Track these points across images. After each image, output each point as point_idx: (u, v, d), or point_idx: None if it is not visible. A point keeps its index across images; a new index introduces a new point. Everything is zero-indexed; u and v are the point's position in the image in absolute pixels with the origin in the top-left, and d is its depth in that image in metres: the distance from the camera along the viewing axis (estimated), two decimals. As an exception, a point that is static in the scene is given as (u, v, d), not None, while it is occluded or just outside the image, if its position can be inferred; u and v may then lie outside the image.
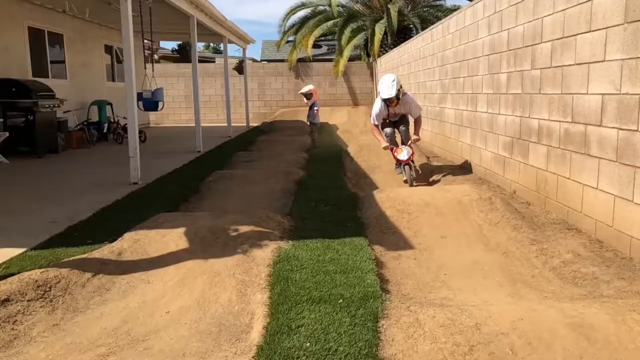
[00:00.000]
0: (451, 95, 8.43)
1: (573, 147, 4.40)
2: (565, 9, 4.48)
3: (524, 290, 3.22)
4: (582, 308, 2.51)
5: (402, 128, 7.03)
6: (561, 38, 4.58)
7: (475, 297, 3.09)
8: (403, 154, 6.64)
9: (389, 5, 18.09)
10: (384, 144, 6.82)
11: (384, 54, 17.41)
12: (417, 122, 6.99)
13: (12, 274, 3.28)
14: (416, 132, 6.90)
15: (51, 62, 11.37)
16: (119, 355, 2.56)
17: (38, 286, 3.12)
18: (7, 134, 8.34)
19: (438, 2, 20.15)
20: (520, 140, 5.58)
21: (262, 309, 2.78)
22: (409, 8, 19.80)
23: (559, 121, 4.65)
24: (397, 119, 7.06)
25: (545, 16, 4.89)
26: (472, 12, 7.26)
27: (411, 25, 19.02)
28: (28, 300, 3.01)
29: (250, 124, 17.33)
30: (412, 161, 6.75)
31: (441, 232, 4.28)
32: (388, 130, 7.00)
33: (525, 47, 5.38)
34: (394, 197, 4.96)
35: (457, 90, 8.03)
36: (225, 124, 14.43)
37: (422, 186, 6.47)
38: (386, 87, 6.70)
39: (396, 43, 15.92)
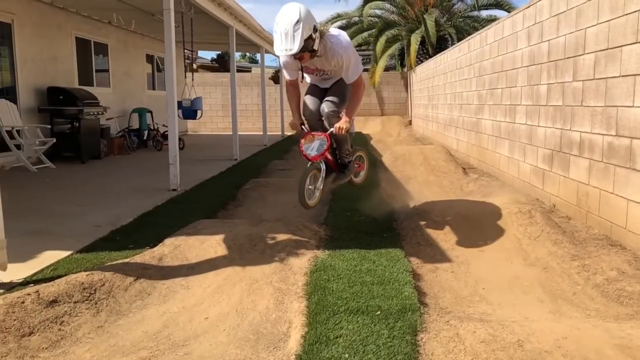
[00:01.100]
0: (488, 107, 8.32)
1: (617, 160, 4.28)
2: (610, 20, 4.39)
3: (566, 307, 3.14)
4: (630, 329, 2.44)
5: (326, 100, 4.16)
6: (605, 49, 4.48)
7: (515, 313, 3.03)
8: (312, 145, 4.03)
9: (425, 16, 18.05)
10: (295, 119, 4.25)
11: (419, 64, 17.36)
12: (354, 92, 4.14)
13: (60, 276, 3.41)
14: (347, 110, 4.09)
15: (96, 71, 11.79)
16: (160, 359, 2.62)
17: (84, 288, 3.23)
18: (54, 140, 8.69)
19: (474, 13, 20.03)
20: (560, 153, 5.46)
21: (299, 318, 2.80)
22: (445, 18, 19.75)
23: (602, 134, 4.54)
24: (330, 83, 4.25)
25: (589, 27, 4.79)
26: (511, 23, 7.17)
27: (447, 36, 18.97)
28: (74, 302, 3.12)
29: (285, 133, 17.49)
30: (326, 160, 4.19)
31: (479, 245, 4.22)
32: (310, 107, 4.25)
33: (567, 58, 5.28)
34: (430, 208, 4.92)
35: (495, 102, 7.92)
36: (261, 133, 14.64)
37: (460, 199, 6.38)
38: (281, 38, 3.59)
39: (432, 53, 15.87)
